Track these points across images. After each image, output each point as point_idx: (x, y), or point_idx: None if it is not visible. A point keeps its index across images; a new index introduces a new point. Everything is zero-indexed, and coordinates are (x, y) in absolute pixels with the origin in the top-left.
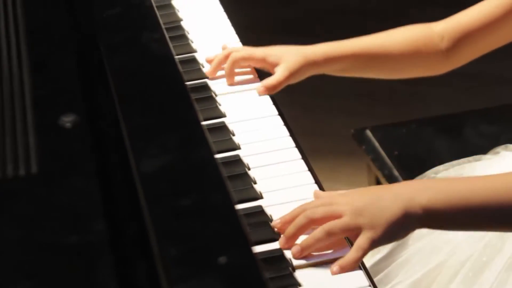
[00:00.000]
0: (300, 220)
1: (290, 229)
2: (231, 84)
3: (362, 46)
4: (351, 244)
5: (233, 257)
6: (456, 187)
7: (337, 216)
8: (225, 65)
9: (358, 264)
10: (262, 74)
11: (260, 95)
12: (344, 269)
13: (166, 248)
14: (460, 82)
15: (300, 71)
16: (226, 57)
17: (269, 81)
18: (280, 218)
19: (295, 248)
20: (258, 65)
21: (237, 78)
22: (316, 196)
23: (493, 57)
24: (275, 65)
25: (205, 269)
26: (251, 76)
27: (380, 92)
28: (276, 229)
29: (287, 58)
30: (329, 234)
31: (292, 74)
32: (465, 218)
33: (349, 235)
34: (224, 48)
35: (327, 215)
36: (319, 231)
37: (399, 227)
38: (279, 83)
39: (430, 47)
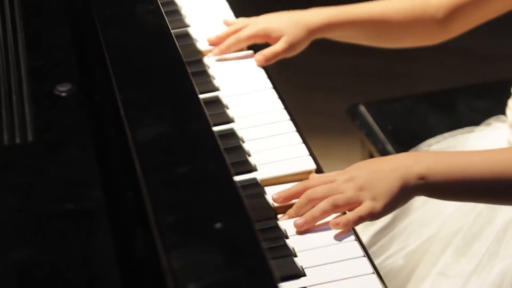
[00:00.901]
0: (301, 200)
1: (292, 210)
2: (218, 55)
3: (363, 13)
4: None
5: (230, 225)
6: (454, 159)
7: (339, 193)
8: (226, 41)
9: (351, 226)
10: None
11: (258, 64)
12: (337, 225)
13: (163, 215)
14: (451, 60)
15: (301, 42)
16: (229, 34)
17: (266, 51)
18: (279, 193)
19: (299, 220)
20: (262, 41)
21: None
22: (312, 179)
23: (485, 34)
24: (278, 39)
25: (202, 236)
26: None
27: (372, 71)
28: (272, 203)
29: (288, 31)
30: (335, 205)
31: (291, 47)
32: (462, 189)
33: (352, 208)
34: (227, 24)
35: (327, 194)
36: (325, 203)
37: (398, 196)
38: (275, 55)
39: (427, 17)
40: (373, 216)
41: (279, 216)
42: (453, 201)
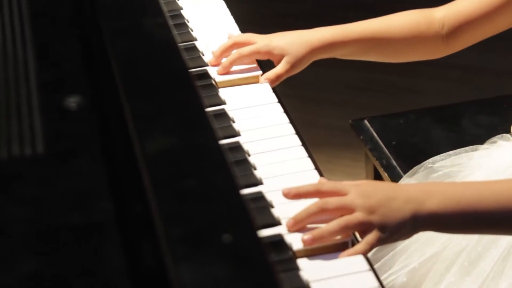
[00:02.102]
0: (312, 208)
1: (301, 213)
2: (222, 73)
3: (367, 30)
4: (359, 235)
5: (237, 238)
6: (465, 195)
7: (349, 209)
8: (229, 57)
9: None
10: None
11: (268, 83)
12: (347, 255)
13: (171, 228)
14: (455, 74)
15: (303, 61)
16: (231, 47)
17: (269, 74)
18: (290, 189)
19: (306, 236)
20: (263, 58)
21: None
22: (320, 183)
23: (489, 50)
24: (280, 58)
25: (210, 249)
26: (252, 65)
27: (376, 85)
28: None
29: (291, 51)
30: (345, 228)
31: (293, 66)
32: (470, 224)
33: (360, 230)
34: (230, 38)
35: (340, 207)
36: (335, 225)
37: (406, 229)
38: (278, 77)
39: (431, 32)
40: (380, 243)
41: (284, 221)
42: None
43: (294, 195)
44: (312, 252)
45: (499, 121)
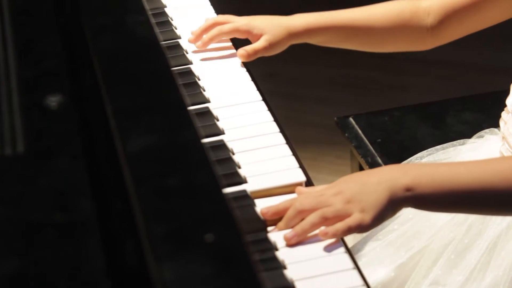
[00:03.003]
0: (290, 214)
1: (282, 224)
2: (200, 48)
3: (346, 18)
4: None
5: (220, 236)
6: (440, 170)
7: (327, 206)
8: (208, 33)
9: (339, 236)
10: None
11: (241, 59)
12: (326, 235)
13: (153, 226)
14: (440, 71)
15: (281, 43)
16: (212, 26)
17: (248, 48)
18: (268, 208)
19: (289, 234)
20: (243, 37)
21: (216, 55)
22: (298, 192)
23: (473, 46)
24: (259, 37)
25: (192, 248)
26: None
27: (361, 82)
28: (263, 216)
29: (269, 31)
30: (324, 218)
31: (271, 46)
32: (448, 200)
33: (341, 220)
34: (207, 20)
35: (316, 205)
36: (314, 216)
37: (387, 208)
38: (255, 52)
39: (415, 22)
40: (362, 228)
41: (269, 228)
42: (442, 213)
43: (273, 214)
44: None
45: (483, 118)
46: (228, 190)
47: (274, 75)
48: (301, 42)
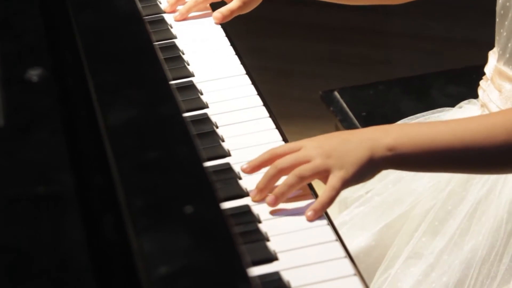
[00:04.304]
0: (270, 171)
1: (261, 181)
2: (179, 20)
3: None
4: (316, 196)
5: (199, 209)
6: (421, 130)
7: (306, 162)
8: (185, 5)
9: (332, 203)
10: None
11: (215, 22)
12: (318, 212)
13: (133, 199)
14: (426, 46)
15: (253, 1)
16: None
17: (222, 9)
18: (248, 163)
19: (269, 198)
20: (218, 0)
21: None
22: (274, 148)
23: (459, 20)
24: None
25: (172, 220)
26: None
27: (347, 57)
28: (243, 172)
29: None
30: (301, 178)
31: (245, 4)
32: (430, 159)
33: (320, 177)
34: None
35: (296, 162)
36: (291, 177)
37: (366, 168)
38: (231, 12)
39: None
40: (344, 185)
41: (250, 193)
42: (423, 178)
43: (253, 168)
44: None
45: (468, 91)
46: (211, 163)
47: (261, 50)
48: None
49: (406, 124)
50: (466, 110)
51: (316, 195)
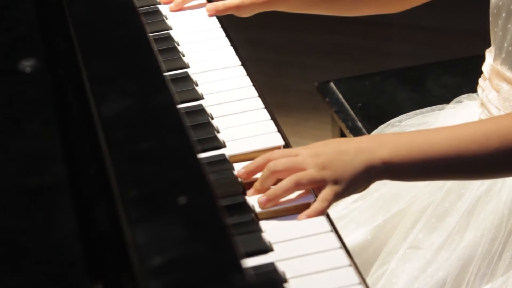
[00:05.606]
0: (264, 173)
1: (257, 183)
2: (174, 10)
3: None
4: (315, 193)
5: (193, 200)
6: (416, 141)
7: (300, 169)
8: None
9: (324, 214)
10: None
11: (208, 14)
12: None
13: (126, 190)
14: (423, 37)
15: (251, 7)
16: None
17: (218, 3)
18: (244, 168)
19: (261, 198)
20: None
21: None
22: (270, 152)
23: (455, 11)
24: None
25: (165, 210)
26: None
27: (344, 48)
28: (241, 179)
29: None
30: (297, 184)
31: (242, 7)
32: (424, 170)
33: (315, 187)
34: None
35: (290, 166)
36: (287, 182)
37: (361, 180)
38: (226, 8)
39: None
40: (336, 198)
41: (247, 192)
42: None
43: (248, 173)
44: (275, 214)
45: (463, 82)
46: (206, 154)
47: (257, 41)
48: (269, 9)
49: (401, 134)
50: (465, 107)
51: (313, 191)
